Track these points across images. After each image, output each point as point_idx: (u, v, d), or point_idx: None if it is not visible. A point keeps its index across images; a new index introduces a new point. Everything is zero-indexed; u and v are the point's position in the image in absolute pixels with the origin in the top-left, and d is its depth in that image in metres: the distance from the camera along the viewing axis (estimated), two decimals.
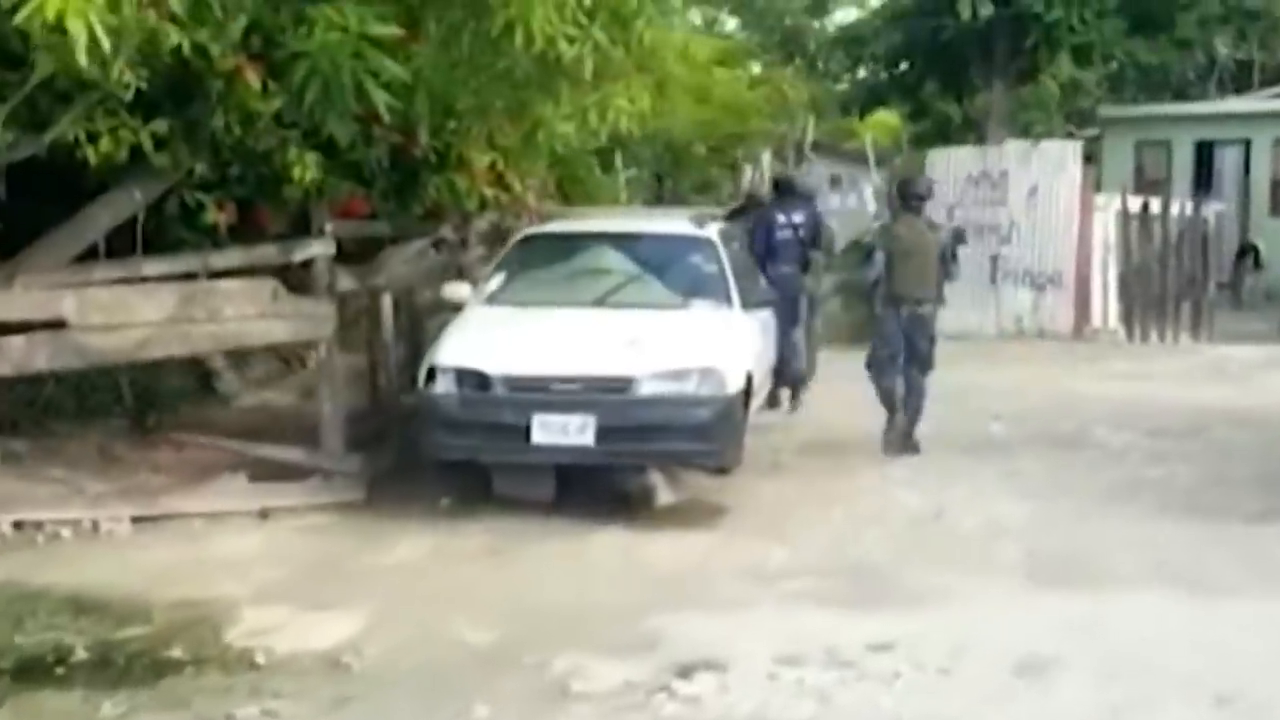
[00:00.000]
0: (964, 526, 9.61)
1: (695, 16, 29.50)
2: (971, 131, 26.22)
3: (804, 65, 31.34)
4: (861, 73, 27.17)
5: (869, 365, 12.06)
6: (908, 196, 12.31)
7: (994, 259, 19.74)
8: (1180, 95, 28.23)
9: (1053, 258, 19.64)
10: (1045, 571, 8.52)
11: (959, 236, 13.02)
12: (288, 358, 13.53)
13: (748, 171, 38.66)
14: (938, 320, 12.34)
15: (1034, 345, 19.01)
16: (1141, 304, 19.65)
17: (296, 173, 9.63)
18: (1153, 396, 14.76)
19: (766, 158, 36.06)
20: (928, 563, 8.73)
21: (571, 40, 9.14)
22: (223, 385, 12.56)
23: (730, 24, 34.89)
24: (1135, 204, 19.85)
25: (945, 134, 28.09)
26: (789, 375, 13.42)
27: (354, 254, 11.20)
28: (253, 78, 9.30)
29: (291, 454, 10.15)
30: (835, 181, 36.79)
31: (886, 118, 46.13)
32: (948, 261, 12.05)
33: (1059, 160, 19.68)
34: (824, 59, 25.94)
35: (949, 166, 19.89)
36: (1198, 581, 8.23)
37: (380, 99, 8.88)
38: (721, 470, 9.95)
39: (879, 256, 11.96)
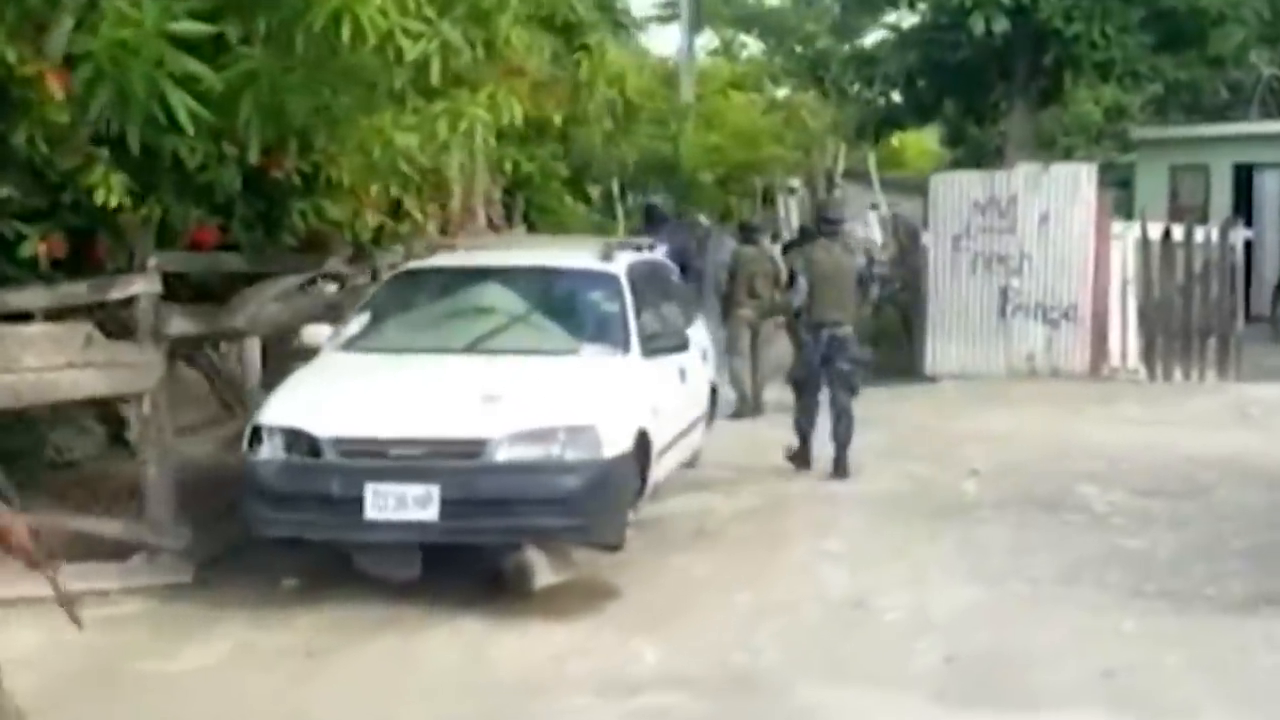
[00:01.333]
0: (886, 619, 7.96)
1: (711, 38, 27.97)
2: (1003, 158, 24.50)
3: (832, 89, 29.68)
4: (880, 94, 25.30)
5: (790, 382, 12.28)
6: (823, 222, 12.39)
7: (1003, 291, 17.98)
8: (1219, 116, 26.28)
9: (1067, 290, 17.86)
10: (963, 684, 6.90)
11: (871, 261, 14.31)
12: (230, 402, 11.98)
13: (781, 201, 37.13)
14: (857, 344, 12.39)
15: (1045, 386, 17.22)
16: (1164, 340, 17.83)
17: (100, 196, 8.10)
18: (1159, 445, 13.01)
19: (792, 186, 34.53)
20: (826, 671, 7.14)
21: (416, 37, 7.64)
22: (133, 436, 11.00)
23: (753, 46, 33.18)
24: (1156, 231, 17.99)
25: (979, 160, 26.44)
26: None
27: (212, 292, 9.66)
28: (55, 85, 7.86)
29: (109, 527, 8.61)
30: (875, 209, 35.20)
31: (928, 145, 44.65)
32: (866, 284, 13.18)
33: (1072, 184, 17.92)
34: (836, 80, 24.09)
35: (953, 193, 18.14)
36: (1149, 700, 6.59)
37: (182, 107, 7.39)
38: (608, 547, 8.33)
39: (801, 282, 11.77)
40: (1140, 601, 8.14)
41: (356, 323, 9.25)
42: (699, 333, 11.10)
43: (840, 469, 11.72)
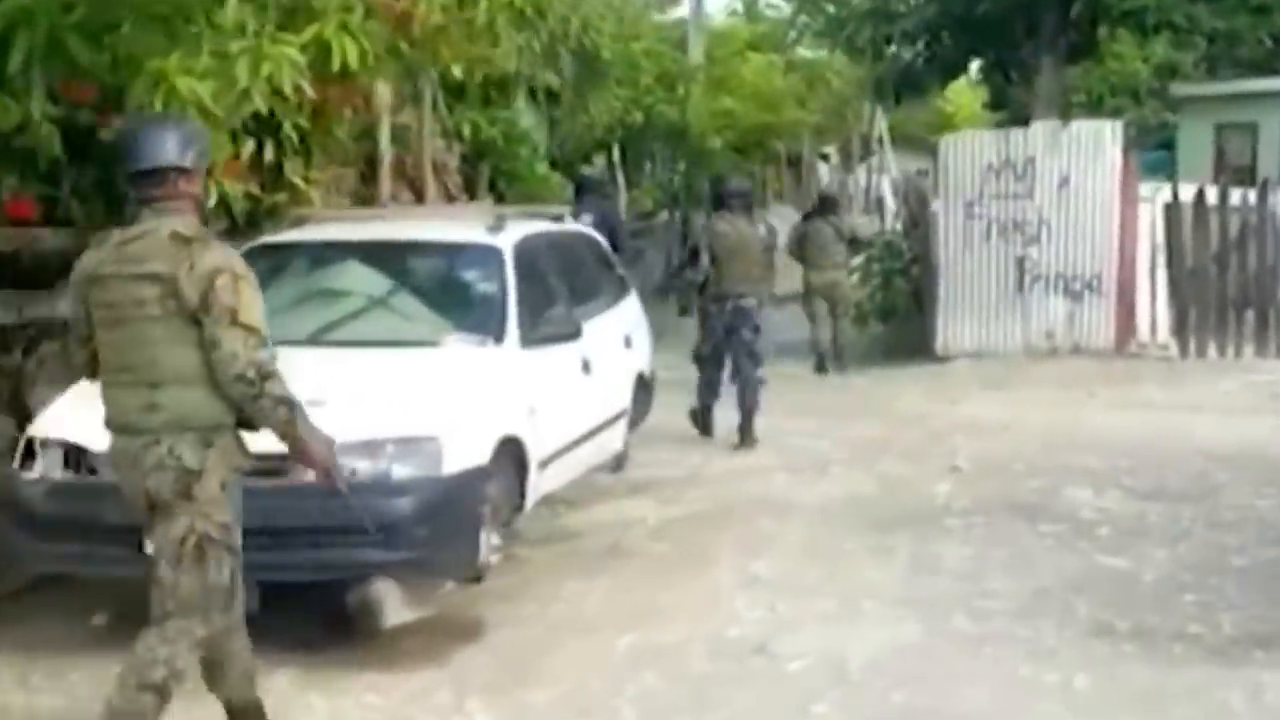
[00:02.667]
0: (789, 669, 6.46)
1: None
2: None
3: (867, 47, 27.91)
4: (904, 52, 23.45)
5: (695, 358, 11.86)
6: (725, 195, 12.08)
7: (1020, 262, 16.37)
8: (1268, 70, 24.30)
9: (1090, 260, 16.23)
10: None
11: (772, 232, 13.67)
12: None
13: (821, 170, 35.50)
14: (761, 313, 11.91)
15: (1066, 365, 15.60)
16: (1197, 313, 16.15)
17: None
18: (1173, 435, 11.41)
19: (825, 153, 32.93)
20: None
21: None
22: None
23: (785, 7, 31.36)
24: (1189, 193, 16.28)
25: (1025, 122, 24.56)
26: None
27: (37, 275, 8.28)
28: None
29: None
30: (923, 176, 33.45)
31: (975, 107, 42.70)
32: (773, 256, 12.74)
33: (1095, 143, 16.24)
34: (853, 37, 22.32)
35: (964, 155, 16.51)
36: None
37: None
38: (470, 579, 6.92)
39: (703, 256, 11.59)
40: (1105, 644, 6.60)
41: None
42: (625, 317, 9.61)
43: (746, 438, 11.54)
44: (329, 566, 6.39)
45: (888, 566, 8.00)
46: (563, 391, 7.93)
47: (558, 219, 9.53)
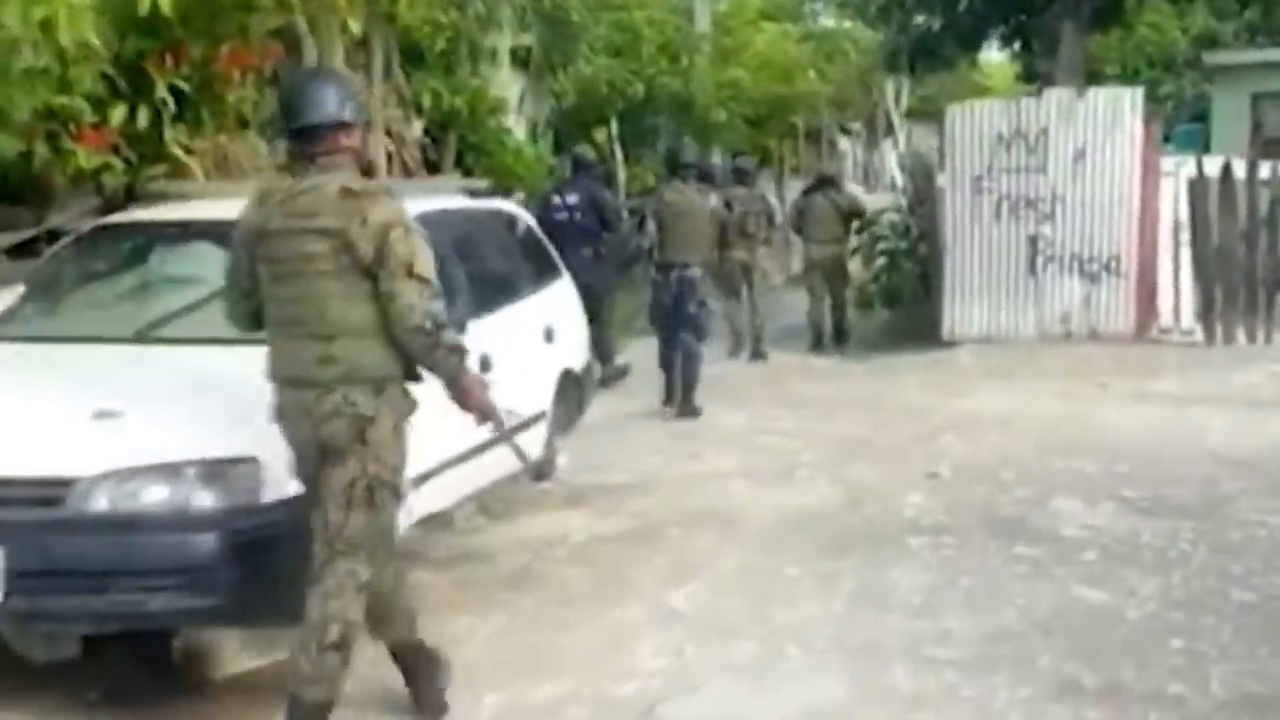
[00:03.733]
0: None
1: None
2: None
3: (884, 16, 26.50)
4: (921, 20, 22.02)
5: (650, 324, 12.13)
6: (676, 165, 12.51)
7: (1032, 241, 15.10)
8: None
9: (1108, 238, 14.95)
10: None
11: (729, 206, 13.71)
12: None
13: (843, 145, 34.12)
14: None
15: (1080, 352, 14.34)
16: (1224, 295, 14.82)
17: None
18: (1188, 433, 10.18)
19: (846, 127, 31.70)
20: None
21: None
22: None
23: None
24: (1214, 166, 14.94)
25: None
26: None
27: None
28: None
29: None
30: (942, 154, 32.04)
31: (1005, 81, 41.16)
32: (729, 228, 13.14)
33: (1113, 113, 14.93)
34: (864, 5, 20.92)
35: (972, 126, 15.21)
36: None
37: None
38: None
39: (650, 224, 12.00)
40: (1067, 708, 5.38)
41: (10, 298, 6.70)
42: (548, 306, 8.43)
43: (686, 409, 11.49)
44: (115, 616, 5.22)
45: (828, 599, 6.81)
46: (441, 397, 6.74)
47: (476, 194, 8.33)
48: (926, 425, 11.05)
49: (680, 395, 11.54)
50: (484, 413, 5.11)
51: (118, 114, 7.90)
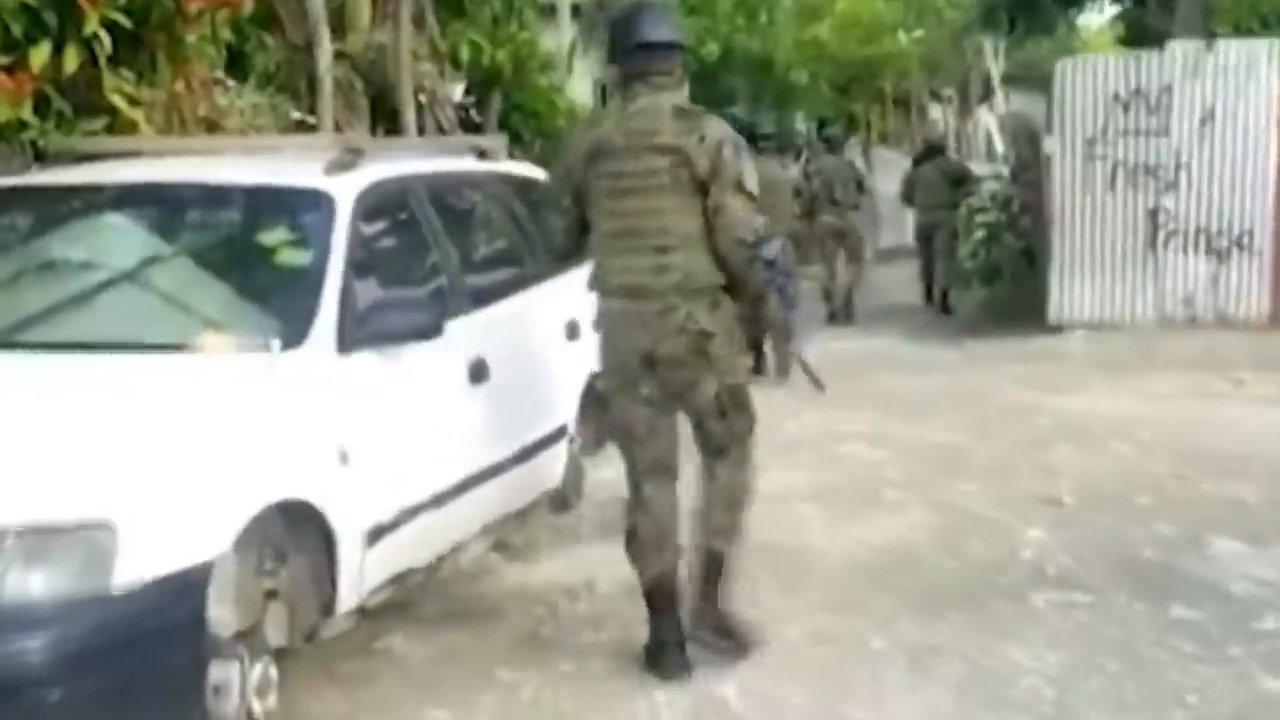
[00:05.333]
0: None
1: None
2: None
3: None
4: None
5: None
6: (751, 137, 10.68)
7: (1152, 214, 13.18)
8: None
9: (1239, 211, 13.04)
10: None
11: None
12: None
13: (934, 112, 32.04)
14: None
15: (1207, 340, 12.46)
16: None
17: None
18: None
19: (937, 92, 29.79)
20: None
21: None
22: None
23: None
24: None
25: None
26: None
27: None
28: None
29: None
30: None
31: (1101, 44, 38.75)
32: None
33: (1246, 67, 12.98)
34: None
35: (1085, 83, 13.28)
36: None
37: None
38: None
39: None
40: None
41: None
42: (573, 294, 6.68)
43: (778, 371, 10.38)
44: None
45: (926, 688, 5.05)
46: (420, 418, 5.03)
47: (486, 155, 6.58)
48: (1036, 431, 9.27)
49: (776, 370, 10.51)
50: (781, 332, 5.34)
51: (39, 54, 6.23)
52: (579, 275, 6.68)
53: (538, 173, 6.95)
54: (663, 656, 5.12)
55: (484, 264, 5.91)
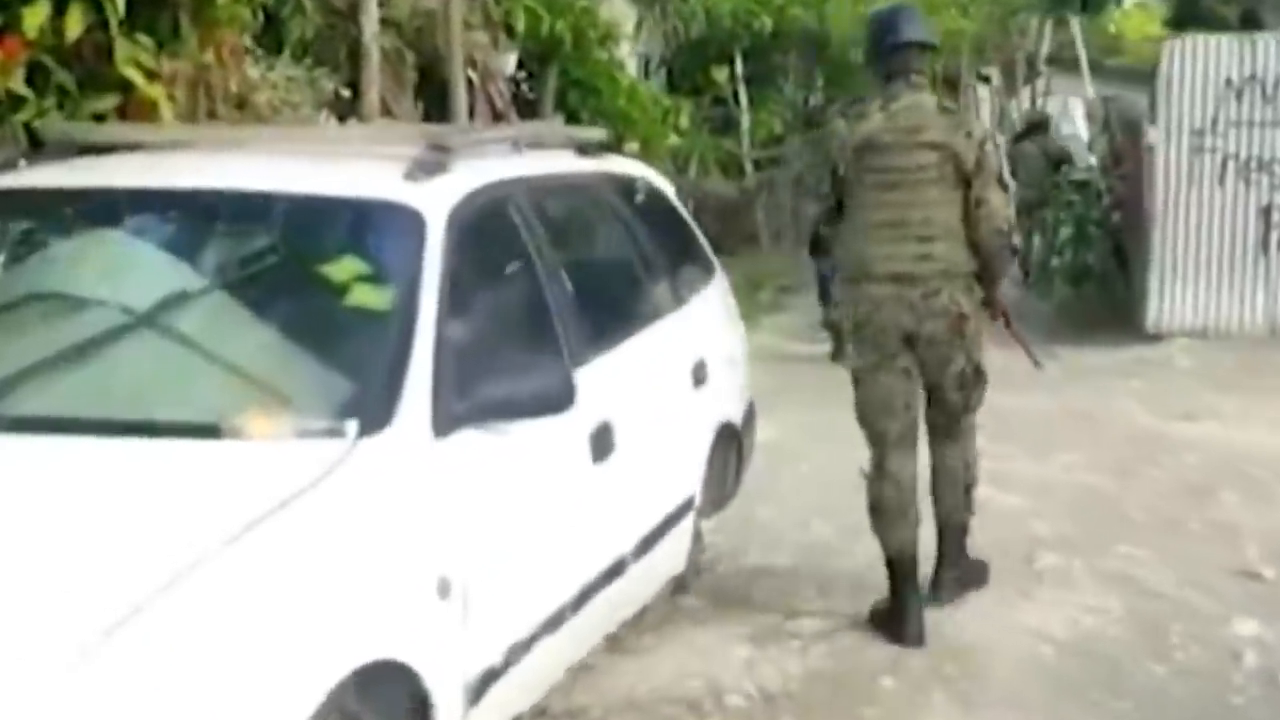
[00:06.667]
0: None
1: None
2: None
3: None
4: None
5: None
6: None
7: (1265, 213, 11.86)
8: None
9: None
10: None
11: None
12: None
13: (981, 93, 30.53)
14: None
15: None
16: None
17: None
18: None
19: (984, 74, 28.34)
20: None
21: None
22: None
23: None
24: None
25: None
26: None
27: None
28: None
29: None
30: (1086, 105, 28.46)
31: (1150, 27, 37.22)
32: None
33: None
34: None
35: (1195, 67, 11.93)
36: None
37: None
38: None
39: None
40: None
41: None
42: (696, 327, 5.31)
43: None
44: None
45: None
46: (535, 516, 3.69)
47: (587, 151, 5.19)
48: (1183, 470, 7.95)
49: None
50: (1008, 317, 5.65)
51: (35, 15, 4.87)
52: (705, 300, 5.35)
53: (646, 172, 5.57)
54: (905, 621, 5.30)
55: (601, 296, 4.53)
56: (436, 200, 3.78)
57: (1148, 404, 9.72)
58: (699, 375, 5.06)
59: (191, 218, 3.89)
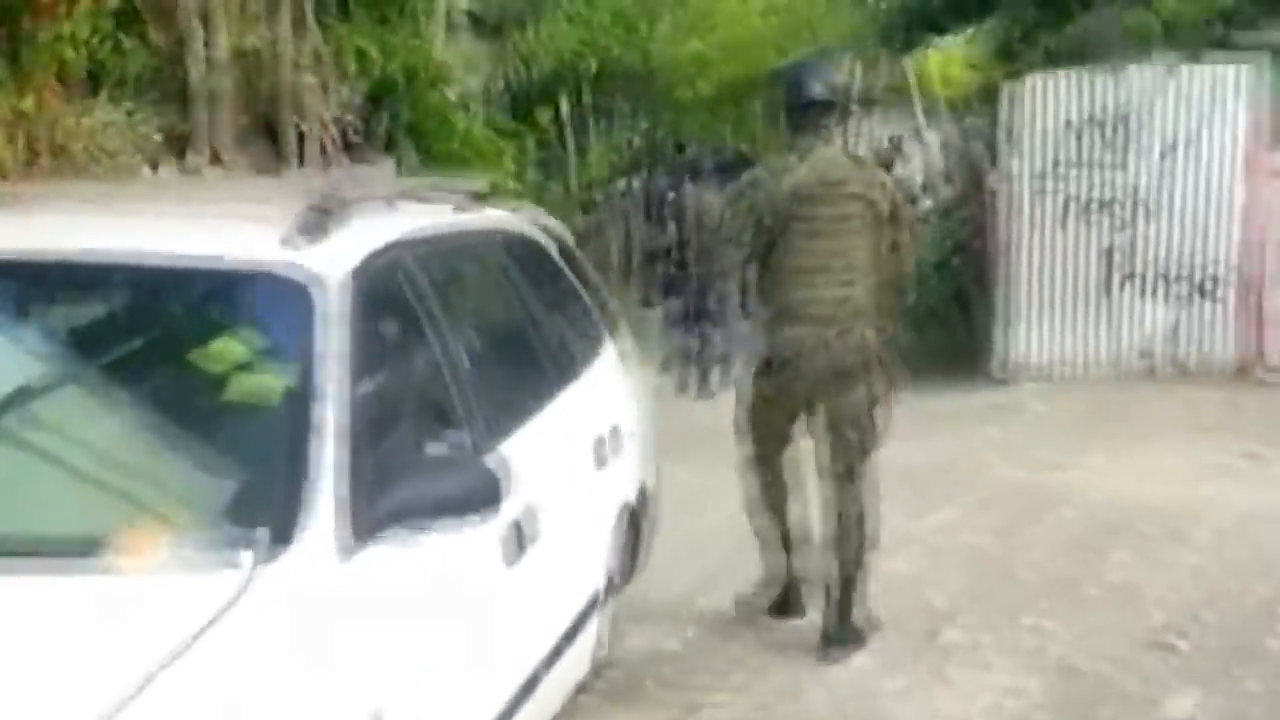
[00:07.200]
0: None
1: None
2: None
3: None
4: None
5: None
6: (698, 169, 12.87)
7: (1108, 254, 11.77)
8: None
9: (1204, 252, 11.71)
10: None
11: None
12: None
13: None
14: None
15: (1178, 397, 11.08)
16: None
17: None
18: None
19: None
20: None
21: None
22: None
23: None
24: None
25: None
26: None
27: None
28: None
29: None
30: (892, 144, 28.54)
31: (953, 68, 37.48)
32: None
33: (1212, 95, 11.62)
34: None
35: (1036, 107, 11.79)
36: None
37: None
38: None
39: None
40: None
41: None
42: (597, 398, 4.76)
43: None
44: None
45: None
46: (455, 633, 3.12)
47: (466, 204, 4.58)
48: (1065, 525, 7.70)
49: None
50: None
51: None
52: (603, 369, 4.81)
53: (534, 225, 5.02)
54: (795, 600, 5.85)
55: (501, 372, 3.97)
56: (328, 268, 3.19)
57: (1012, 454, 9.46)
58: (600, 454, 4.51)
59: (28, 292, 3.23)
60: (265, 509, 2.72)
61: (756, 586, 5.97)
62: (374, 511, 2.84)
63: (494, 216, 4.75)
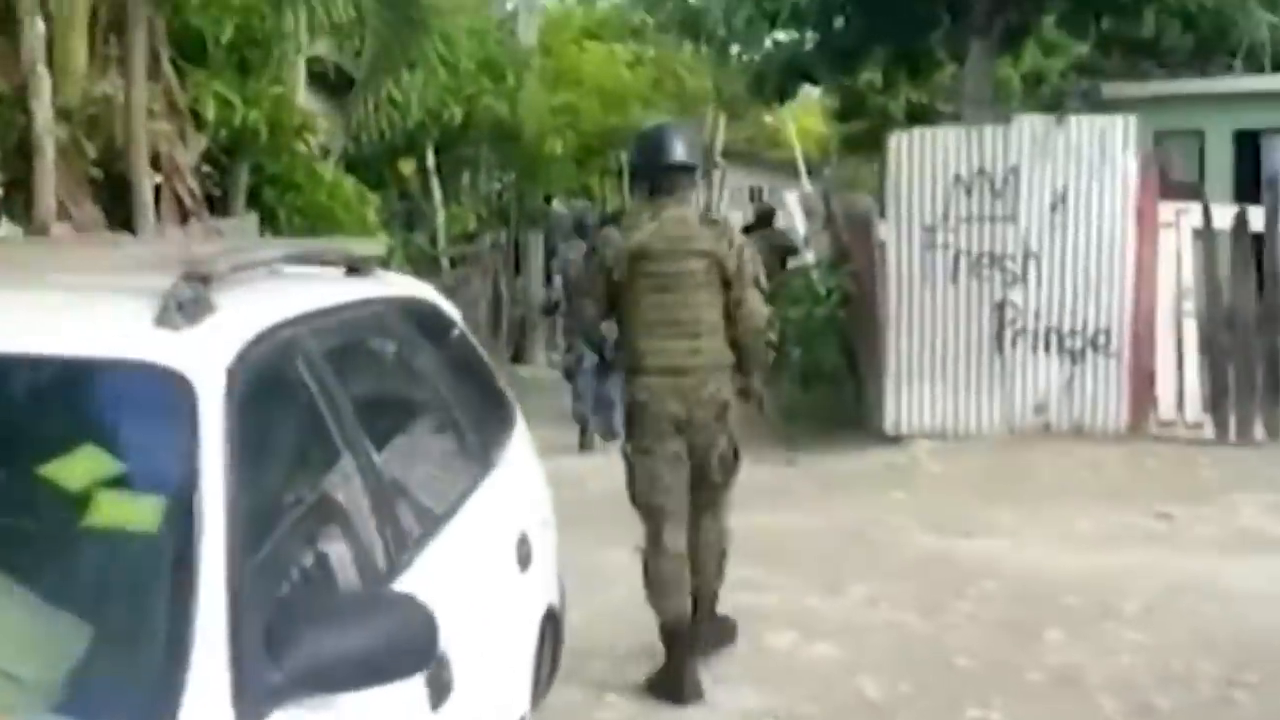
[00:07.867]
0: None
1: None
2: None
3: (711, 51, 22.29)
4: (781, 38, 18.00)
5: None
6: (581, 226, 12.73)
7: (999, 309, 11.36)
8: (1199, 72, 19.58)
9: (1094, 307, 11.39)
10: None
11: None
12: None
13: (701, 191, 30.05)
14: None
15: (1075, 455, 10.74)
16: (1240, 380, 11.23)
17: None
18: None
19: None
20: None
21: None
22: None
23: None
24: (1226, 217, 11.43)
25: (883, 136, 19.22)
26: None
27: None
28: None
29: None
30: (754, 196, 28.28)
31: (808, 120, 37.53)
32: None
33: (1100, 147, 11.34)
34: (728, 20, 16.85)
35: (924, 160, 11.41)
36: None
37: None
38: None
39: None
40: None
41: None
42: (513, 491, 4.13)
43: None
44: None
45: None
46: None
47: (356, 269, 3.91)
48: (990, 601, 7.27)
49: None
50: (762, 403, 6.23)
51: None
52: (516, 457, 4.18)
53: (428, 292, 4.38)
54: (683, 682, 5.65)
55: (413, 472, 3.34)
56: (209, 356, 2.53)
57: (919, 520, 9.00)
58: (523, 555, 3.88)
59: None
60: (137, 678, 2.07)
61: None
62: (278, 671, 2.19)
63: (392, 281, 4.11)
